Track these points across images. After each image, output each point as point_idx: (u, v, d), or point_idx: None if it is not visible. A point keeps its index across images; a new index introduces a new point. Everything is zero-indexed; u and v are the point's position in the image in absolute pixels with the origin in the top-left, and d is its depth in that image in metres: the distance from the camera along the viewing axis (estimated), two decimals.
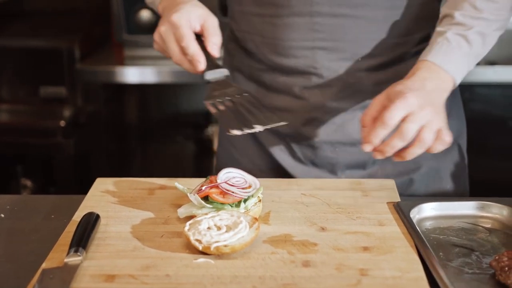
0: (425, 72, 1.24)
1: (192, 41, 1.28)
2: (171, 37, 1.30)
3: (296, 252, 1.12)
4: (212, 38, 1.31)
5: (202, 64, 1.29)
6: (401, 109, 1.16)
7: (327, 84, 1.43)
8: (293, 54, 1.43)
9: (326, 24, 1.39)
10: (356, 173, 1.50)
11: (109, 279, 1.05)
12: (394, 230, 1.19)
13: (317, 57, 1.42)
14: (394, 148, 1.17)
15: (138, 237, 1.18)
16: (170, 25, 1.29)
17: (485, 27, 1.30)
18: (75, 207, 1.29)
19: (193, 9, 1.32)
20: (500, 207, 1.25)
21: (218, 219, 1.15)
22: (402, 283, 1.03)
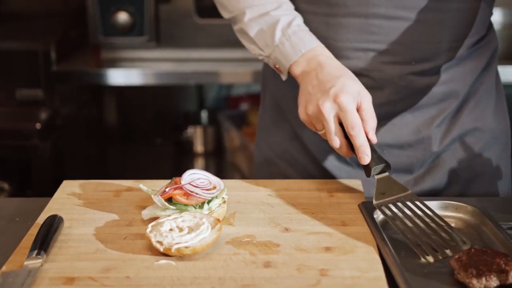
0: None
1: (362, 131, 1.23)
2: (335, 118, 1.24)
3: (258, 253, 1.12)
4: (371, 122, 1.25)
5: (369, 157, 1.23)
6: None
7: (378, 87, 1.41)
8: (346, 55, 1.40)
9: (382, 26, 1.37)
10: (403, 177, 1.46)
11: (69, 281, 1.04)
12: (357, 231, 1.20)
13: (370, 59, 1.40)
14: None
15: (101, 239, 1.17)
16: (336, 106, 1.23)
17: None
18: (40, 210, 1.29)
19: (353, 85, 1.26)
20: (463, 206, 1.26)
21: (180, 220, 1.15)
22: (360, 283, 1.04)
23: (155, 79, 2.58)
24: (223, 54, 2.58)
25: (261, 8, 1.38)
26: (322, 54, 1.34)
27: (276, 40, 1.35)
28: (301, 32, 1.36)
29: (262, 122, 1.66)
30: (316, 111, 1.26)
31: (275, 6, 1.38)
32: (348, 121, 1.22)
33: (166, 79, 2.59)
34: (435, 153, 1.47)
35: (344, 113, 1.23)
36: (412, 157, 1.46)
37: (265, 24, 1.37)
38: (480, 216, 1.23)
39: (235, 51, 2.55)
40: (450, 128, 1.46)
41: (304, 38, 1.35)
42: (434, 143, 1.46)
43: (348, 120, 1.22)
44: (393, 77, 1.41)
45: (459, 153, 1.47)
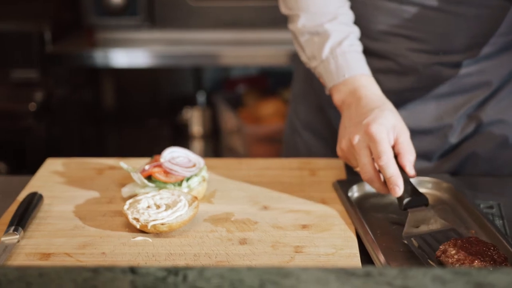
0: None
1: (392, 161, 1.16)
2: (365, 151, 1.18)
3: (235, 230, 1.13)
4: (409, 156, 1.19)
5: (401, 189, 1.15)
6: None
7: (402, 72, 1.40)
8: (375, 36, 1.40)
9: (414, 14, 1.35)
10: (422, 163, 1.45)
11: (44, 257, 1.05)
12: (336, 209, 1.20)
13: (398, 44, 1.38)
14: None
15: (80, 216, 1.18)
16: (367, 137, 1.17)
17: None
18: (23, 188, 1.29)
19: (390, 117, 1.19)
20: (437, 182, 1.26)
21: (158, 198, 1.16)
22: (334, 259, 1.04)
23: (151, 60, 2.58)
24: (219, 35, 2.58)
25: (316, 17, 1.34)
26: (365, 87, 1.28)
27: (323, 56, 1.32)
28: (350, 53, 1.32)
29: (293, 92, 1.66)
30: (349, 145, 1.22)
31: (331, 17, 1.34)
32: (375, 151, 1.16)
33: (162, 60, 2.59)
34: (454, 142, 1.45)
35: (373, 142, 1.16)
36: (432, 144, 1.44)
37: (316, 36, 1.34)
38: (455, 194, 1.23)
39: (231, 33, 2.54)
40: (473, 117, 1.44)
41: (351, 62, 1.30)
42: (454, 133, 1.44)
43: (376, 149, 1.16)
44: (418, 65, 1.39)
45: (481, 144, 1.44)
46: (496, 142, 1.44)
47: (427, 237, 1.10)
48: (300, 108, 1.61)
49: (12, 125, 2.66)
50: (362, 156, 1.18)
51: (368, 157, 1.18)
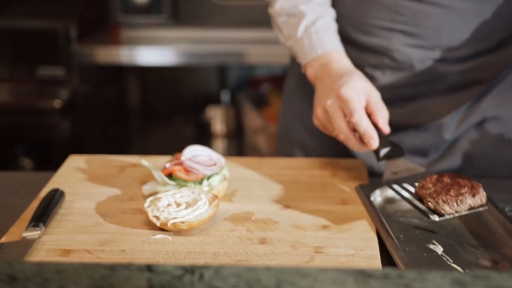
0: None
1: (364, 116, 1.20)
2: (338, 113, 1.22)
3: (255, 230, 1.12)
4: (381, 113, 1.23)
5: (376, 141, 1.20)
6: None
7: (398, 67, 1.41)
8: (371, 31, 1.40)
9: (409, 8, 1.35)
10: (417, 159, 1.45)
11: (65, 253, 1.06)
12: (356, 209, 1.19)
13: (393, 39, 1.38)
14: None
15: (101, 213, 1.18)
16: (337, 99, 1.21)
17: None
18: (46, 184, 1.30)
19: (358, 82, 1.24)
20: None
21: (179, 196, 1.16)
22: (354, 260, 1.03)
23: (176, 58, 2.59)
24: (244, 34, 2.58)
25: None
26: (337, 60, 1.31)
27: (298, 35, 1.35)
28: (324, 32, 1.34)
29: (287, 89, 1.66)
30: (323, 111, 1.25)
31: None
32: (347, 110, 1.20)
33: (187, 58, 2.59)
34: (449, 139, 1.44)
35: (344, 103, 1.20)
36: (427, 140, 1.44)
37: (292, 17, 1.37)
38: None
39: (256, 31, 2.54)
40: (469, 113, 1.43)
41: (324, 39, 1.33)
42: (448, 130, 1.43)
43: (348, 108, 1.20)
44: (414, 61, 1.39)
45: (477, 140, 1.44)
46: (492, 139, 1.44)
47: (406, 179, 1.16)
48: (295, 105, 1.61)
49: (37, 122, 2.69)
50: (336, 118, 1.22)
51: (342, 119, 1.22)
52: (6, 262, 0.65)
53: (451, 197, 1.06)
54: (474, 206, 1.07)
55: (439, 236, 1.11)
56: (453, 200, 1.06)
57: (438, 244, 1.09)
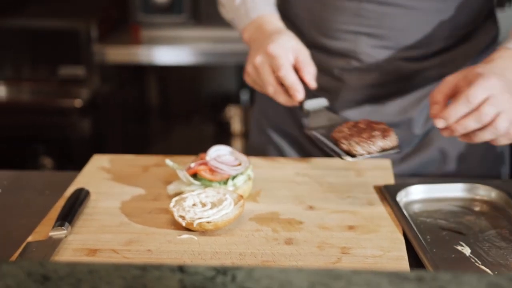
0: (506, 60, 1.16)
1: (290, 71, 1.26)
2: (267, 68, 1.27)
3: (281, 230, 1.12)
4: (308, 68, 1.29)
5: (301, 94, 1.26)
6: (485, 89, 1.08)
7: (366, 69, 1.43)
8: (336, 36, 1.42)
9: (373, 11, 1.37)
10: (391, 156, 1.43)
11: (91, 253, 1.06)
12: (382, 210, 1.18)
13: (359, 42, 1.41)
14: (467, 129, 1.10)
15: (126, 213, 1.18)
16: (266, 55, 1.26)
17: None
18: (70, 183, 1.30)
19: (287, 40, 1.29)
20: (488, 189, 1.23)
21: (204, 196, 1.16)
22: (382, 261, 1.02)
23: (195, 58, 2.59)
24: None
25: None
26: (270, 22, 1.37)
27: (236, 4, 1.42)
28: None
29: (259, 93, 1.66)
30: (253, 67, 1.30)
31: None
32: (275, 65, 1.25)
33: (206, 58, 2.59)
34: (419, 134, 1.46)
35: (272, 59, 1.26)
36: (399, 136, 1.44)
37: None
38: (506, 199, 1.20)
39: None
40: None
41: (258, 4, 1.39)
42: (417, 125, 1.45)
43: (275, 63, 1.25)
44: (380, 61, 1.41)
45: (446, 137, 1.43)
46: None
47: (327, 128, 1.23)
48: (268, 110, 1.62)
49: (58, 122, 2.70)
50: (264, 74, 1.27)
51: (270, 74, 1.27)
52: (39, 262, 0.66)
53: (363, 138, 1.14)
54: (385, 148, 1.15)
55: (467, 237, 1.10)
56: (364, 142, 1.13)
57: (466, 246, 1.08)
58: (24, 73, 2.79)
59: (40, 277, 0.65)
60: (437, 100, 1.15)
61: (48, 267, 0.66)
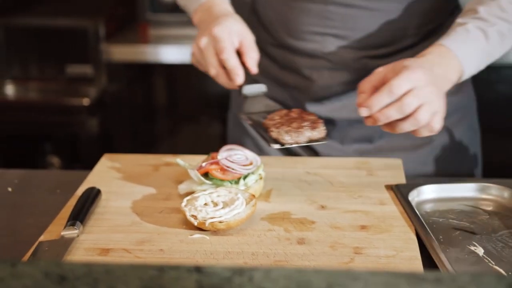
0: (436, 56, 1.21)
1: (232, 54, 1.27)
2: (210, 50, 1.28)
3: (293, 230, 1.12)
4: (251, 53, 1.30)
5: (241, 77, 1.28)
6: (409, 80, 1.12)
7: (335, 68, 1.45)
8: (304, 37, 1.45)
9: (339, 13, 1.40)
10: (363, 146, 1.51)
11: (103, 252, 1.06)
12: (394, 210, 1.18)
13: (326, 43, 1.43)
14: (389, 118, 1.13)
15: (138, 212, 1.18)
16: (210, 37, 1.28)
17: (507, 29, 1.26)
18: (81, 182, 1.30)
19: (233, 23, 1.31)
20: (500, 189, 1.22)
21: (215, 195, 1.15)
22: (395, 262, 1.02)
23: None
24: None
25: None
26: (218, 5, 1.38)
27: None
28: None
29: None
30: (198, 49, 1.31)
31: None
32: (217, 48, 1.27)
33: None
34: None
35: (215, 41, 1.27)
36: (369, 128, 1.46)
37: None
38: None
39: None
40: None
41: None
42: None
43: (218, 46, 1.27)
44: (348, 60, 1.43)
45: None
46: None
47: (262, 114, 1.24)
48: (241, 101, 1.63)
49: (66, 120, 2.70)
50: (208, 55, 1.28)
51: (213, 56, 1.28)
52: (56, 262, 0.65)
53: (292, 128, 1.16)
54: (313, 139, 1.17)
55: (479, 237, 1.10)
56: (293, 131, 1.15)
57: (479, 246, 1.07)
58: (32, 71, 2.79)
59: (57, 277, 0.65)
60: (364, 89, 1.18)
61: (65, 267, 0.66)
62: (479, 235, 1.11)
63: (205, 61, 1.30)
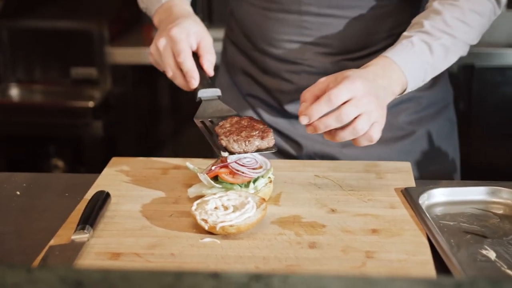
0: (380, 68, 1.23)
1: (189, 57, 1.28)
2: (168, 52, 1.29)
3: (304, 234, 1.11)
4: (208, 56, 1.31)
5: (196, 81, 1.29)
6: (349, 90, 1.14)
7: (314, 72, 1.48)
8: (282, 46, 1.49)
9: (314, 23, 1.44)
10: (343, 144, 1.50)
11: (114, 256, 1.05)
12: (405, 213, 1.18)
13: (305, 50, 1.47)
14: (328, 127, 1.15)
15: (147, 216, 1.18)
16: (168, 39, 1.29)
17: (451, 43, 1.29)
18: (89, 186, 1.30)
19: (192, 25, 1.32)
20: (511, 192, 1.22)
21: (226, 199, 1.15)
22: (407, 266, 1.02)
23: None
24: None
25: None
26: (177, 5, 1.39)
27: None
28: None
29: (218, 84, 1.70)
30: (156, 48, 1.31)
31: None
32: (174, 50, 1.28)
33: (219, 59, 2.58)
34: None
35: (173, 43, 1.28)
36: None
37: None
38: None
39: None
40: None
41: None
42: None
43: (175, 48, 1.28)
44: (327, 64, 1.47)
45: (393, 118, 1.50)
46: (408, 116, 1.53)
47: (214, 119, 1.27)
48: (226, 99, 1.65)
49: (70, 123, 2.70)
50: (165, 56, 1.29)
51: (170, 57, 1.29)
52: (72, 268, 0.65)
53: (241, 137, 1.18)
54: (261, 148, 1.19)
55: (491, 241, 1.10)
56: (242, 140, 1.17)
57: (491, 249, 1.07)
58: (37, 74, 2.79)
59: (73, 282, 0.65)
60: (306, 99, 1.20)
61: (81, 273, 0.66)
62: (490, 239, 1.10)
63: (163, 62, 1.31)
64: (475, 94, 2.42)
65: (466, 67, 2.39)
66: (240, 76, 1.62)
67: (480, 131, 2.49)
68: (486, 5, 1.33)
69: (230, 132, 1.20)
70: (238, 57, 1.61)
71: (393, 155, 1.51)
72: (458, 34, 1.30)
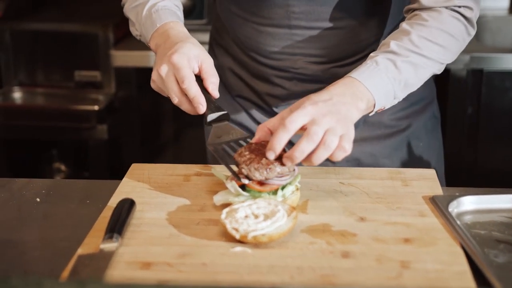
0: (340, 86, 1.24)
1: (193, 83, 1.27)
2: (171, 78, 1.28)
3: (335, 243, 1.10)
4: (211, 78, 1.30)
5: (204, 106, 1.27)
6: (303, 115, 1.16)
7: (306, 80, 1.52)
8: (274, 57, 1.51)
9: (304, 35, 1.47)
10: None
11: (145, 266, 1.03)
12: (435, 222, 1.16)
13: (296, 60, 1.50)
14: (304, 152, 1.15)
15: (174, 224, 1.16)
16: (170, 65, 1.27)
17: (420, 61, 1.30)
18: (109, 193, 1.28)
19: (191, 49, 1.30)
20: None
21: (255, 207, 1.13)
22: (445, 276, 1.00)
23: None
24: None
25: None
26: (172, 28, 1.38)
27: (142, 18, 1.43)
28: (163, 10, 1.41)
29: None
30: (158, 75, 1.30)
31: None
32: (178, 76, 1.26)
33: None
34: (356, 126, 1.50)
35: (175, 69, 1.26)
36: None
37: (138, 6, 1.45)
38: None
39: None
40: None
41: (162, 16, 1.40)
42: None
43: (179, 75, 1.26)
44: (318, 72, 1.51)
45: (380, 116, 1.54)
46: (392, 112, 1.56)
47: (228, 144, 1.25)
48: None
49: (74, 126, 2.67)
50: (169, 83, 1.28)
51: (174, 84, 1.27)
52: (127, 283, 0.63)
53: (262, 165, 1.16)
54: (282, 174, 1.18)
55: None
56: (263, 168, 1.16)
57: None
58: (40, 77, 2.76)
59: None
60: (259, 136, 1.23)
61: None
62: None
63: (167, 89, 1.29)
64: (484, 98, 2.42)
65: (475, 72, 2.39)
66: (230, 77, 1.63)
67: (489, 136, 2.48)
68: (456, 26, 1.34)
69: (250, 160, 1.18)
70: (225, 58, 1.62)
71: (384, 152, 1.56)
72: (427, 53, 1.30)
